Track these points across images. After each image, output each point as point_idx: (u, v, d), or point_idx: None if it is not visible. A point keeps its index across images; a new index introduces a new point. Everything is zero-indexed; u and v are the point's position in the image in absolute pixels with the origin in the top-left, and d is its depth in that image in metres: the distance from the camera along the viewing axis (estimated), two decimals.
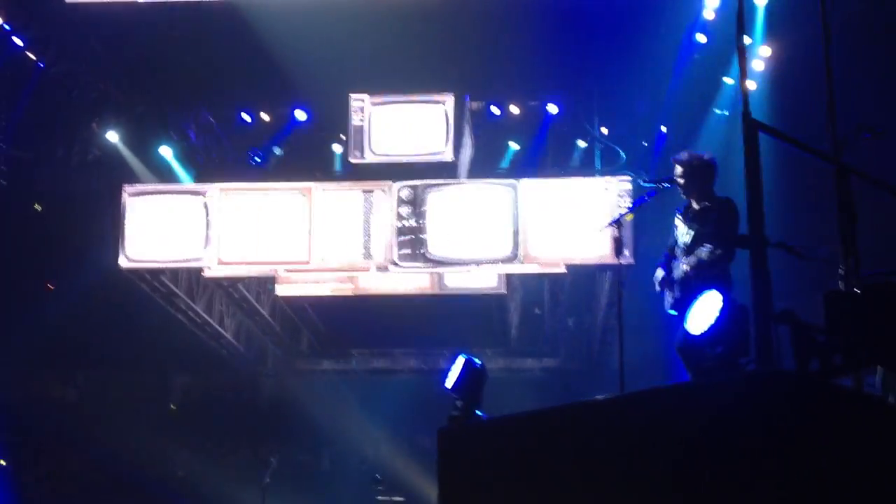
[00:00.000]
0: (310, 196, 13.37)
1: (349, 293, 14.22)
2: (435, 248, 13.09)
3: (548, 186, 13.24)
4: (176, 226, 13.46)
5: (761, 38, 11.86)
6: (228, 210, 13.47)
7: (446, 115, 13.14)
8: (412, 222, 13.12)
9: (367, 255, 13.24)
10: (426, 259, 13.11)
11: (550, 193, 13.15)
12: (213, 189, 13.49)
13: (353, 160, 13.35)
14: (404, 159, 13.31)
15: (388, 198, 13.25)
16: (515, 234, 12.94)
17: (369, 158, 13.27)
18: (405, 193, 13.20)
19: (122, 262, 13.41)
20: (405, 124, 13.35)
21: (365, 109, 13.29)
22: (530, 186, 13.15)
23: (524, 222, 12.96)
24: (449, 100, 13.17)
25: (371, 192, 13.36)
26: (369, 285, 14.12)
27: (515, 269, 13.32)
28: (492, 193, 13.21)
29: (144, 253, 13.49)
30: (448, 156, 13.17)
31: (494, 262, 13.14)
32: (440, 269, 13.46)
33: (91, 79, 13.56)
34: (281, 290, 14.53)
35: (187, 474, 17.57)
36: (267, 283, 15.08)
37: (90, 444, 17.38)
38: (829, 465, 3.88)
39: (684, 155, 7.17)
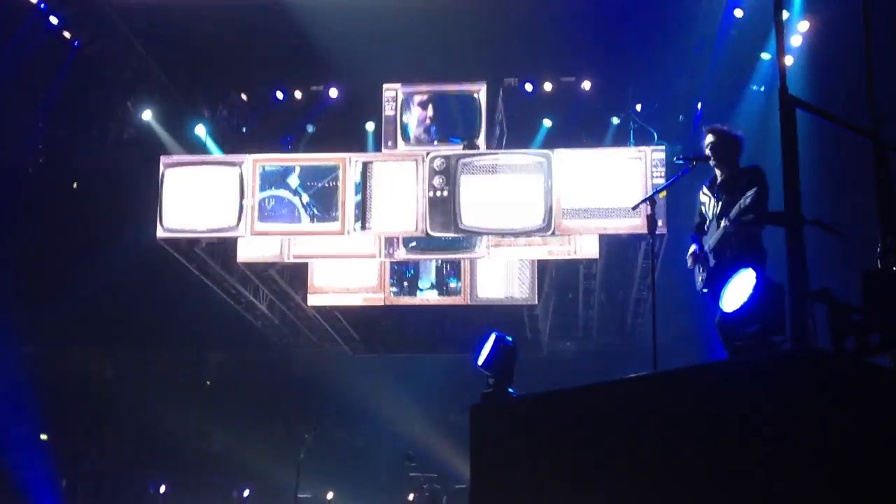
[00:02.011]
0: (344, 166, 13.43)
1: (380, 303, 14.46)
2: (467, 217, 13.12)
3: (581, 156, 13.19)
4: (212, 196, 13.58)
5: (799, 12, 11.69)
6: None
7: (479, 105, 13.24)
8: (445, 192, 13.17)
9: (410, 225, 13.31)
10: (458, 228, 13.15)
11: (583, 164, 13.09)
12: (248, 160, 13.59)
13: (385, 151, 13.43)
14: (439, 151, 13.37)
15: (420, 168, 13.30)
16: (548, 204, 12.91)
17: (401, 149, 13.37)
18: (438, 163, 13.24)
19: (160, 232, 13.56)
20: (438, 114, 13.46)
21: (398, 98, 13.38)
22: (564, 157, 13.10)
23: (557, 193, 12.93)
24: (482, 88, 13.24)
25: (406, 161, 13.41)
26: (401, 296, 14.41)
27: (549, 239, 13.35)
28: (524, 164, 13.19)
29: (181, 223, 13.63)
30: (481, 144, 13.27)
31: (527, 232, 13.16)
32: (472, 237, 13.54)
33: (126, 57, 13.64)
34: (313, 301, 14.75)
35: (222, 449, 17.80)
36: (300, 271, 15.18)
37: (127, 419, 17.66)
38: (866, 444, 3.85)
39: (717, 125, 7.12)
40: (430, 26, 11.87)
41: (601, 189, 12.94)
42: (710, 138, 7.04)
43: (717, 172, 7.09)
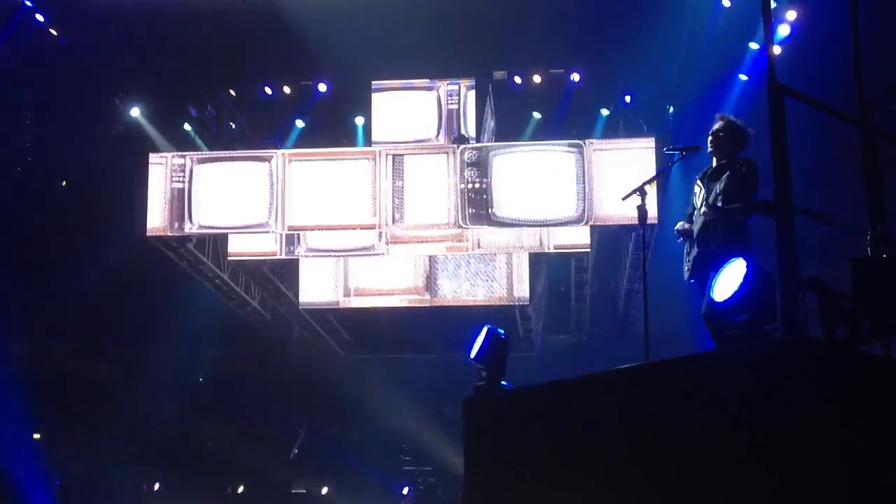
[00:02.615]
0: (375, 161, 13.40)
1: (426, 304, 14.60)
2: (501, 209, 13.12)
3: (613, 146, 13.19)
4: (242, 192, 13.57)
5: (787, 1, 11.69)
6: (293, 176, 13.53)
7: (469, 99, 13.36)
8: (478, 184, 13.16)
9: (443, 217, 13.34)
10: (492, 221, 13.14)
11: (616, 154, 13.09)
12: (278, 155, 13.58)
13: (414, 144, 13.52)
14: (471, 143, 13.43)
15: (452, 160, 13.28)
16: (582, 194, 12.88)
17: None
18: (470, 156, 13.23)
19: (188, 227, 13.54)
20: (415, 110, 13.54)
21: (460, 92, 13.50)
22: (597, 147, 13.10)
23: (590, 182, 12.91)
24: (471, 83, 13.35)
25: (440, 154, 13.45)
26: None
27: (583, 229, 13.39)
28: (557, 155, 13.17)
29: (212, 219, 13.63)
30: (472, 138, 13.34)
31: (561, 222, 13.15)
32: (507, 229, 13.53)
33: (113, 54, 13.58)
34: (351, 303, 14.84)
35: (216, 446, 17.78)
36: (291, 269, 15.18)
37: (120, 416, 17.63)
38: (858, 432, 3.86)
39: (731, 116, 7.11)
40: (417, 19, 11.84)
41: (632, 179, 12.90)
42: (718, 125, 7.03)
43: (714, 161, 7.09)
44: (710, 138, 7.03)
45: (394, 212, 13.31)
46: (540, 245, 13.88)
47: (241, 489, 18.03)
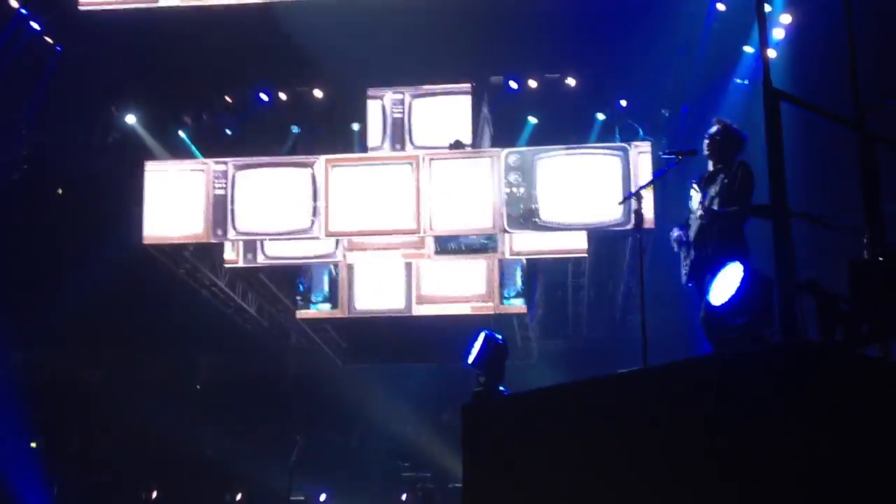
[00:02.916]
0: (416, 165, 13.37)
1: (490, 311, 14.39)
2: (545, 213, 13.05)
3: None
4: (283, 198, 13.54)
5: (781, 5, 11.71)
6: (335, 181, 13.51)
7: (465, 105, 13.38)
8: (521, 189, 13.11)
9: (486, 222, 13.31)
10: (537, 225, 13.08)
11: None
12: (321, 160, 13.54)
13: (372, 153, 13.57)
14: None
15: (496, 164, 13.23)
16: (627, 197, 12.77)
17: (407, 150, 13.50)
18: (513, 160, 13.19)
19: (231, 233, 13.52)
20: (433, 116, 13.57)
21: (405, 101, 13.50)
22: (641, 150, 13.01)
23: (635, 186, 12.77)
24: (467, 89, 13.38)
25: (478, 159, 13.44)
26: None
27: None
28: (601, 158, 13.10)
29: (253, 225, 13.61)
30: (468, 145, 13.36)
31: (607, 226, 13.09)
32: (551, 234, 13.51)
33: (108, 62, 13.58)
34: (418, 311, 14.70)
35: (214, 453, 17.73)
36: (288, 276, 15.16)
37: (118, 424, 17.59)
38: (857, 435, 3.85)
39: (728, 120, 7.13)
40: (412, 24, 11.85)
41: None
42: (715, 128, 7.04)
43: (710, 165, 7.10)
44: (706, 142, 7.04)
45: (432, 216, 13.25)
46: (501, 253, 13.91)
47: (238, 497, 17.98)
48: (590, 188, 12.99)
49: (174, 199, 13.64)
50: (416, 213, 13.23)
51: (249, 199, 13.54)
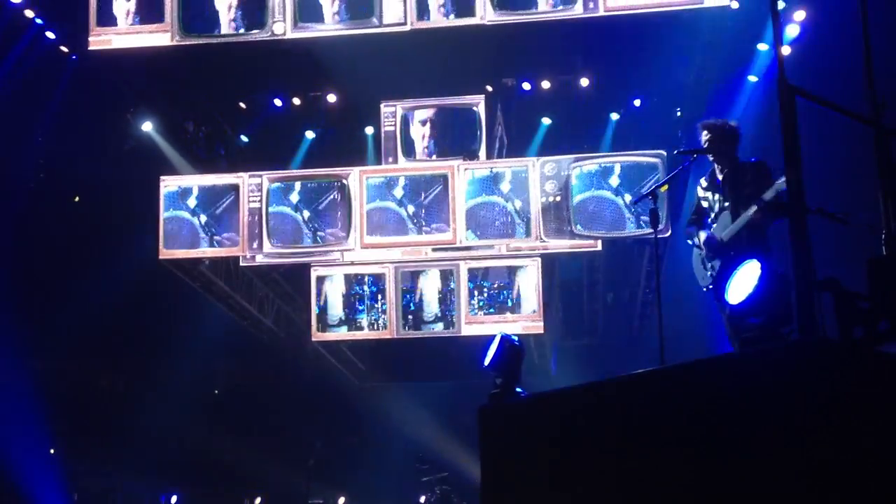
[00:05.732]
0: (452, 174, 13.31)
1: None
2: (582, 221, 12.98)
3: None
4: (318, 210, 13.50)
5: (795, 1, 11.66)
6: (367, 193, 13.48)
7: (479, 117, 13.21)
8: (557, 198, 13.04)
9: (520, 231, 13.22)
10: (573, 234, 13.00)
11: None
12: (355, 172, 13.51)
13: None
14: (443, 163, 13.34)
15: (532, 174, 13.15)
16: (666, 207, 12.61)
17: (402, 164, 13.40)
18: (549, 168, 13.14)
19: (267, 247, 13.47)
20: (437, 128, 13.45)
21: (397, 114, 13.38)
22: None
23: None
24: (480, 101, 13.23)
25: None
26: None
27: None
28: (638, 165, 13.00)
29: (287, 239, 13.56)
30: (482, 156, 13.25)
31: (646, 234, 12.99)
32: (588, 243, 13.30)
33: (124, 68, 13.64)
34: (467, 331, 13.96)
35: (232, 458, 17.78)
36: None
37: (137, 430, 17.65)
38: (877, 434, 3.82)
39: (711, 119, 7.14)
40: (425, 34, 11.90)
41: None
42: (705, 135, 7.05)
43: (717, 167, 7.08)
44: (706, 149, 7.03)
45: (468, 227, 13.19)
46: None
47: (258, 501, 18.03)
48: (627, 195, 12.87)
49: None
50: (451, 222, 13.17)
51: (283, 212, 13.50)
